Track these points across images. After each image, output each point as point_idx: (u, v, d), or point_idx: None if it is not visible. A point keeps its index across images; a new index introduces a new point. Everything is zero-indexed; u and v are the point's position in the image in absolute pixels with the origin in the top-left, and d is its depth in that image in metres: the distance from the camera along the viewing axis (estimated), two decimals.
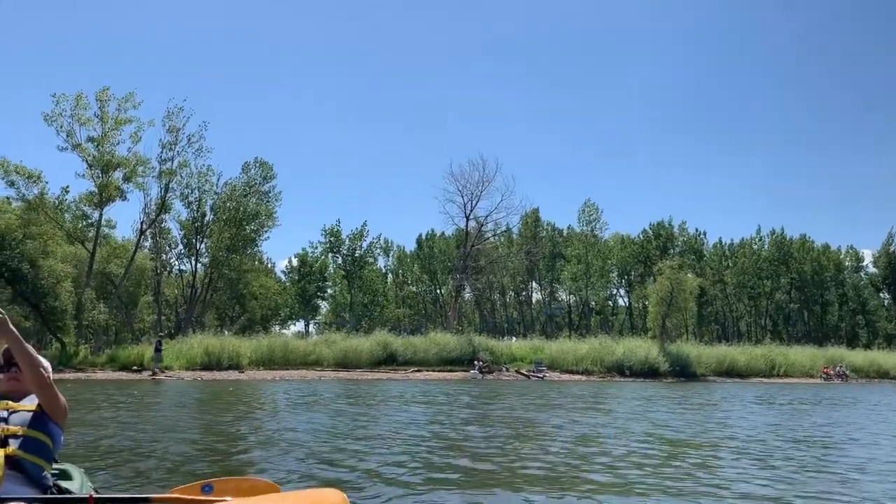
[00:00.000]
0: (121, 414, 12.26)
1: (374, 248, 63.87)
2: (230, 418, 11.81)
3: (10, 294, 33.76)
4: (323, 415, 12.53)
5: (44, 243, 34.56)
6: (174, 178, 41.85)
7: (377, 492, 5.36)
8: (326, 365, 32.83)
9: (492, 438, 9.04)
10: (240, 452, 7.68)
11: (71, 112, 36.45)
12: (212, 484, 3.46)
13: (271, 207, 47.71)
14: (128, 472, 6.11)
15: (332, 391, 20.32)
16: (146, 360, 30.52)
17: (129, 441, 8.38)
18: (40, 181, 36.29)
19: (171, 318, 53.20)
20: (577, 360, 35.30)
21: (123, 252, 45.33)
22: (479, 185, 47.99)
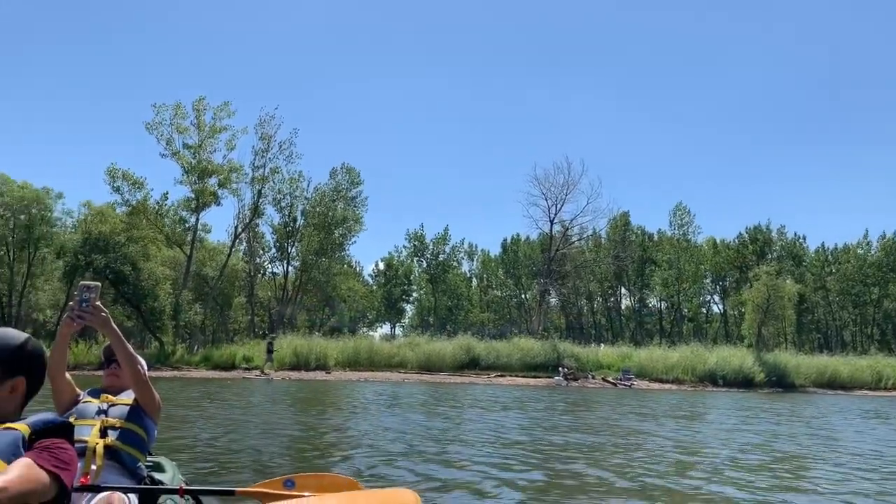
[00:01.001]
0: (212, 411, 12.78)
1: (457, 252, 64.24)
2: (316, 417, 12.11)
3: (113, 295, 35.93)
4: (408, 416, 12.65)
5: (145, 247, 36.60)
6: (266, 183, 43.47)
7: (457, 496, 5.33)
8: (410, 367, 33.19)
9: (581, 447, 8.82)
10: (324, 449, 7.86)
11: (170, 121, 38.47)
12: (294, 479, 3.55)
13: (358, 212, 48.81)
14: (216, 466, 6.36)
15: (416, 393, 20.51)
16: (238, 359, 31.76)
17: (219, 436, 8.71)
18: (143, 187, 38.44)
19: (265, 320, 55.10)
20: (667, 369, 34.29)
21: (218, 255, 47.36)
22: (563, 188, 47.48)
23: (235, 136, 40.03)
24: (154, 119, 38.32)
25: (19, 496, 1.83)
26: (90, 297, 2.90)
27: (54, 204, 42.63)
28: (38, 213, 41.50)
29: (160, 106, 38.47)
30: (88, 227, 36.85)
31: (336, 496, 2.37)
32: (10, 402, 2.11)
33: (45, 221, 41.94)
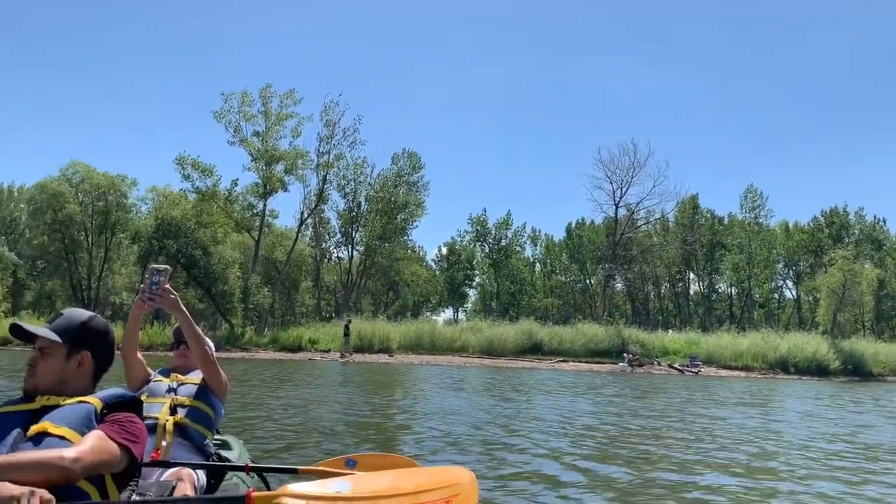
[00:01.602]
0: (279, 391, 13.12)
1: (520, 236, 63.83)
2: (380, 398, 12.29)
3: (185, 278, 37.27)
4: (471, 399, 12.72)
5: (215, 231, 37.77)
6: (331, 169, 44.14)
7: (518, 478, 5.31)
8: (472, 351, 33.31)
9: (652, 431, 8.63)
10: (387, 430, 7.97)
11: (238, 109, 39.43)
12: (355, 459, 3.63)
13: (420, 197, 49.09)
14: (281, 444, 6.52)
15: (479, 377, 20.57)
16: (304, 341, 32.53)
17: (284, 416, 8.93)
18: (213, 174, 39.60)
19: (331, 303, 56.18)
20: (735, 356, 33.33)
21: (286, 240, 48.46)
22: (629, 171, 46.59)
23: (301, 123, 40.79)
24: (222, 107, 39.39)
25: (92, 466, 1.91)
26: (160, 279, 3.00)
27: (129, 191, 44.40)
28: (115, 199, 43.30)
29: (228, 94, 39.50)
30: (160, 213, 38.29)
31: (392, 473, 2.41)
32: (79, 376, 2.20)
33: (120, 207, 43.73)
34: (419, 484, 2.23)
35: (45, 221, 42.96)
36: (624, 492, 5.03)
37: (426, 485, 2.24)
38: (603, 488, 5.06)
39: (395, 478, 2.28)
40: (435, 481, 2.28)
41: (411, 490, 2.16)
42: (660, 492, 5.14)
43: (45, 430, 1.96)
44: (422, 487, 2.21)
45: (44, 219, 42.89)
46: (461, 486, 2.30)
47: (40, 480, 1.78)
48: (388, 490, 2.13)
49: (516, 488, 4.88)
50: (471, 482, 2.38)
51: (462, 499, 2.26)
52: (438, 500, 2.17)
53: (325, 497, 2.04)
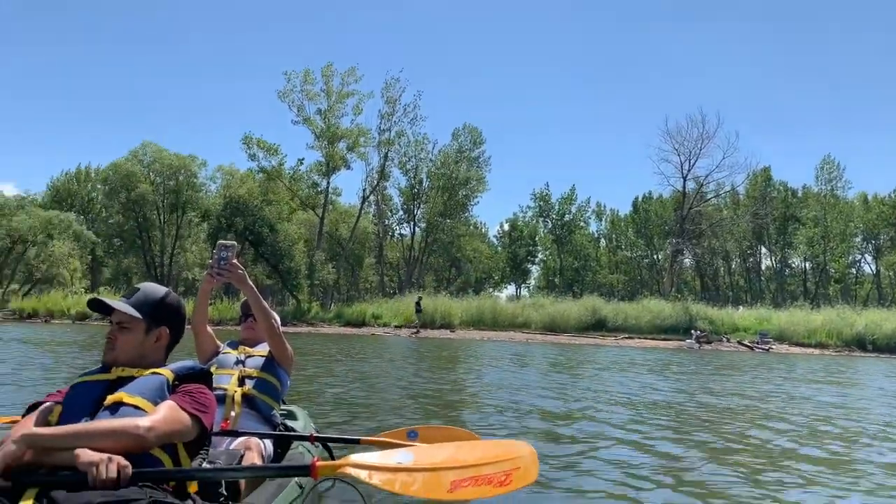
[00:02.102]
0: (343, 365, 13.38)
1: (584, 211, 62.91)
2: (442, 372, 12.39)
3: (253, 255, 38.33)
4: (534, 374, 12.70)
5: (280, 209, 38.64)
6: (392, 147, 44.40)
7: (579, 453, 5.27)
8: (534, 328, 33.19)
9: (724, 409, 8.33)
10: (450, 404, 8.03)
11: (300, 88, 39.97)
12: (416, 430, 3.70)
13: (481, 173, 48.91)
14: (345, 415, 6.64)
15: (541, 352, 20.51)
16: (368, 317, 33.09)
17: (349, 389, 9.09)
18: (278, 153, 40.38)
19: (394, 279, 56.85)
20: (809, 333, 32.16)
21: (349, 217, 49.17)
22: (697, 142, 45.24)
23: (362, 100, 41.11)
24: (285, 87, 40.01)
25: (165, 435, 1.99)
26: (227, 255, 3.08)
27: (199, 170, 45.74)
28: (185, 179, 44.72)
29: (290, 73, 40.08)
30: (229, 192, 39.37)
31: (452, 445, 2.43)
32: (156, 350, 2.29)
33: (191, 187, 45.14)
34: (479, 457, 2.24)
35: (120, 201, 44.77)
36: (697, 472, 4.79)
37: (486, 458, 2.24)
38: (671, 468, 4.87)
39: (456, 450, 2.29)
40: (495, 454, 2.28)
41: (471, 462, 2.17)
42: (734, 472, 4.85)
43: (121, 400, 2.05)
44: (482, 460, 2.21)
45: (118, 198, 44.69)
46: (521, 460, 2.29)
47: (117, 448, 1.86)
48: (448, 462, 2.15)
49: (578, 464, 4.81)
50: (531, 456, 2.37)
51: (522, 472, 2.25)
52: (498, 472, 2.17)
53: (387, 467, 2.07)
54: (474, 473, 2.12)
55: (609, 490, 4.10)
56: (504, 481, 2.18)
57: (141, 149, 44.11)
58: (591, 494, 3.99)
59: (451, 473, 2.09)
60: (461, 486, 2.08)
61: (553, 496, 3.90)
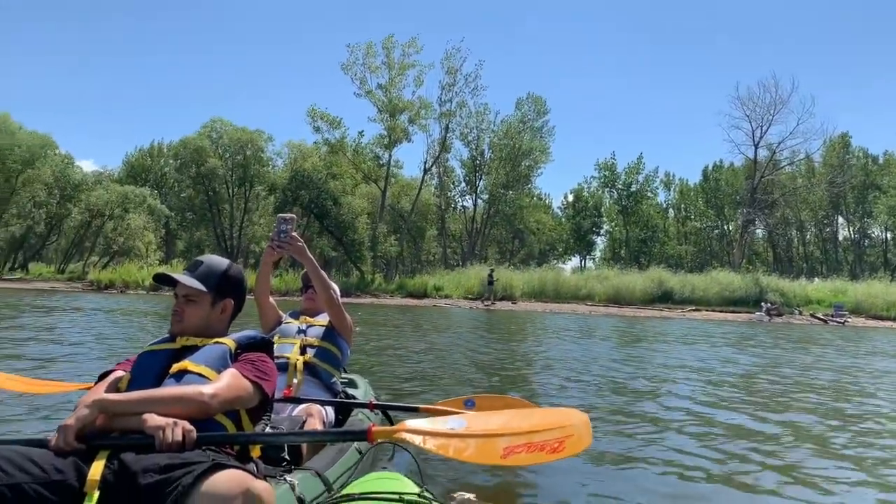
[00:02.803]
0: (404, 335, 13.54)
1: (651, 181, 61.32)
2: (502, 343, 12.42)
3: (318, 228, 39.05)
4: (596, 346, 12.57)
5: (344, 183, 39.17)
6: (453, 118, 44.23)
7: (637, 426, 5.13)
8: (597, 300, 32.84)
9: (802, 385, 7.93)
10: (508, 374, 8.05)
11: (362, 60, 40.13)
12: (474, 399, 3.73)
13: (545, 143, 48.24)
14: (405, 385, 6.72)
15: (605, 325, 20.30)
16: (429, 288, 33.40)
17: (408, 358, 9.19)
18: (341, 126, 40.80)
19: (457, 251, 57.02)
20: (888, 305, 30.69)
21: (411, 190, 49.43)
22: (770, 108, 43.43)
23: (423, 71, 41.02)
24: (348, 60, 40.24)
25: (227, 402, 2.06)
26: (287, 228, 3.15)
27: (265, 145, 46.68)
28: (252, 153, 45.74)
29: (353, 46, 40.26)
30: (294, 166, 40.11)
31: (506, 412, 2.45)
32: (220, 321, 2.36)
33: (258, 161, 46.16)
34: (533, 424, 2.25)
35: (190, 175, 46.18)
36: (765, 454, 4.39)
37: (539, 425, 2.25)
38: (737, 448, 4.49)
39: (509, 417, 2.31)
40: (548, 422, 2.29)
41: (524, 429, 2.18)
42: (821, 452, 4.48)
43: (186, 368, 2.13)
44: (535, 427, 2.22)
45: (188, 173, 46.09)
46: (575, 428, 2.29)
47: (182, 413, 1.94)
48: (500, 429, 2.17)
49: (637, 436, 4.71)
50: (584, 424, 2.37)
51: (575, 440, 2.25)
52: (551, 440, 2.18)
53: (440, 433, 2.11)
54: (527, 440, 2.14)
55: (667, 460, 4.02)
56: (557, 448, 2.19)
57: (211, 124, 45.31)
58: (646, 465, 3.93)
59: (504, 440, 2.12)
60: (514, 451, 2.10)
61: (606, 464, 3.87)
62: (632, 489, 3.39)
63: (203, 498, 1.63)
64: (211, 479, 1.67)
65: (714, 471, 3.86)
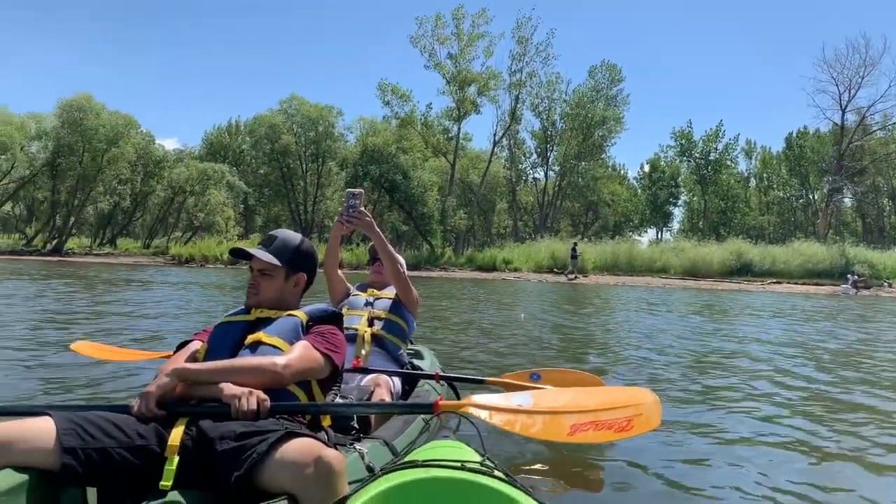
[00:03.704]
0: (471, 307, 13.57)
1: (731, 149, 58.94)
2: (572, 317, 12.29)
3: (388, 202, 39.43)
4: (669, 320, 12.25)
5: (414, 157, 39.35)
6: (523, 88, 43.64)
7: (708, 406, 4.90)
8: (673, 273, 32.08)
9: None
10: (576, 348, 7.96)
11: (432, 32, 39.96)
12: (540, 373, 3.72)
13: (619, 112, 47.09)
14: (470, 357, 6.74)
15: (679, 298, 19.82)
16: (499, 262, 33.34)
17: (475, 331, 9.23)
18: (410, 100, 40.87)
19: (529, 224, 56.60)
20: None
21: (480, 163, 49.21)
22: (859, 70, 41.09)
23: (493, 42, 40.56)
24: (417, 32, 40.16)
25: (299, 373, 2.13)
26: (355, 202, 3.20)
27: (336, 121, 47.30)
28: (324, 129, 46.43)
29: (422, 18, 40.14)
30: (365, 140, 40.52)
31: (573, 389, 2.43)
32: (293, 294, 2.43)
33: (329, 136, 46.84)
34: (601, 402, 2.23)
35: (265, 151, 47.30)
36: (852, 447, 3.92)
37: (608, 403, 2.23)
38: (815, 439, 4.04)
39: (576, 394, 2.30)
40: (616, 400, 2.26)
41: (591, 407, 2.17)
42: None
43: (260, 339, 2.21)
44: (603, 405, 2.20)
45: (263, 149, 47.23)
46: (643, 407, 2.26)
47: (256, 383, 2.02)
48: (567, 406, 2.16)
49: (706, 418, 4.48)
50: (654, 403, 2.33)
51: (644, 419, 2.22)
52: (619, 419, 2.16)
53: (507, 409, 2.12)
54: (594, 418, 2.13)
55: (742, 441, 3.88)
56: (625, 427, 2.17)
57: (287, 101, 46.24)
58: (718, 446, 3.77)
59: (571, 417, 2.11)
60: (581, 429, 2.09)
61: (675, 444, 3.75)
62: (702, 476, 3.23)
63: (276, 465, 1.70)
64: (284, 447, 1.73)
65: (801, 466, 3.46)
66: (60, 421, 1.76)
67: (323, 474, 1.66)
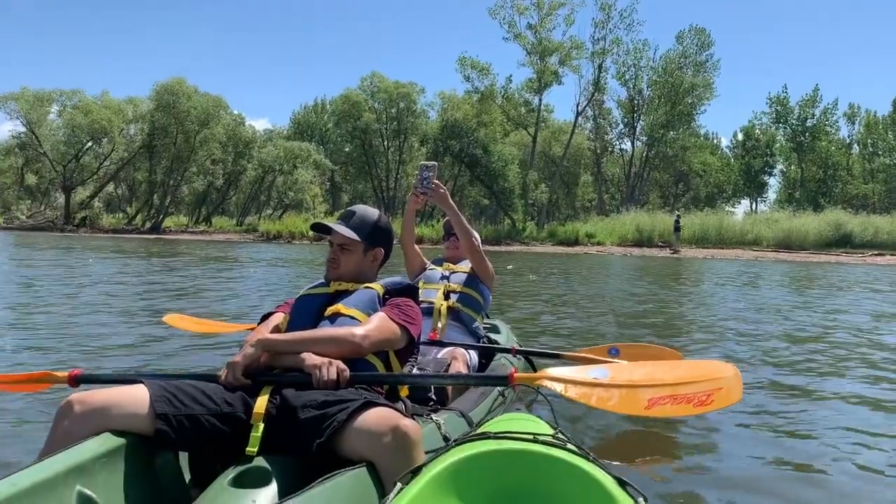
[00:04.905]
0: (552, 282, 13.48)
1: (830, 114, 55.54)
2: (655, 292, 11.99)
3: (469, 177, 39.39)
4: (761, 295, 11.74)
5: (494, 131, 39.09)
6: (607, 56, 42.48)
7: (792, 388, 4.58)
8: (766, 245, 30.81)
9: None
10: (658, 324, 7.75)
11: (511, 3, 39.34)
12: (618, 348, 3.67)
13: (709, 78, 45.25)
14: (547, 331, 6.72)
15: (772, 272, 19.02)
16: (581, 235, 32.89)
17: (554, 305, 9.18)
18: (490, 73, 40.50)
19: (616, 196, 55.38)
20: None
21: (563, 135, 48.38)
22: None
23: (574, 10, 39.59)
24: (496, 3, 39.64)
25: (377, 343, 2.19)
26: (429, 175, 3.22)
27: (417, 97, 47.46)
28: (406, 105, 46.70)
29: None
30: (445, 116, 40.53)
31: (651, 363, 2.38)
32: (371, 268, 2.49)
33: (410, 113, 47.09)
34: (679, 376, 2.18)
35: (347, 129, 48.12)
36: None
37: (687, 377, 2.18)
38: None
39: (654, 368, 2.25)
40: (696, 374, 2.21)
41: (669, 381, 2.13)
42: None
43: (339, 311, 2.27)
44: (682, 379, 2.15)
45: (346, 127, 48.05)
46: (724, 381, 2.20)
47: (336, 353, 2.08)
48: (644, 380, 2.12)
49: (791, 396, 4.28)
50: (734, 377, 2.26)
51: (724, 393, 2.16)
52: (698, 393, 2.11)
53: (582, 382, 2.10)
54: (672, 392, 2.09)
55: (830, 422, 3.70)
56: (705, 401, 2.12)
57: (369, 78, 46.76)
58: (804, 426, 3.62)
59: (648, 391, 2.07)
60: (659, 403, 2.05)
61: (755, 423, 3.61)
62: (784, 456, 3.10)
63: (356, 432, 1.76)
64: (363, 416, 1.78)
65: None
66: (153, 389, 1.86)
67: (400, 442, 1.70)
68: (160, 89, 41.67)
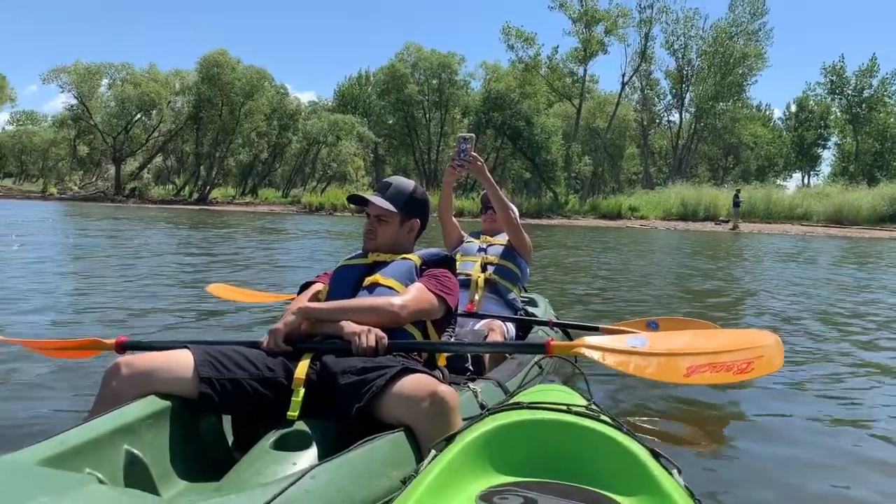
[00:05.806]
0: (592, 256, 13.35)
1: (888, 84, 53.27)
2: (697, 266, 11.79)
3: (511, 149, 39.02)
4: (808, 271, 11.48)
5: (538, 102, 38.57)
6: (655, 25, 41.45)
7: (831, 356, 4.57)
8: (816, 220, 29.98)
9: None
10: (699, 297, 7.67)
11: None
12: (657, 322, 3.64)
13: (761, 48, 43.81)
14: (586, 304, 6.69)
15: (821, 248, 18.53)
16: (624, 209, 32.43)
17: (594, 279, 9.10)
18: (534, 43, 39.91)
19: (663, 170, 54.31)
20: None
21: (608, 106, 47.48)
22: None
23: None
24: None
25: (415, 313, 2.23)
26: (467, 147, 3.22)
27: (459, 68, 47.09)
28: (447, 76, 46.39)
29: None
30: (488, 87, 40.13)
31: (690, 332, 2.36)
32: (408, 239, 2.52)
33: (451, 84, 46.78)
34: (719, 344, 2.16)
35: (390, 101, 48.06)
36: None
37: (726, 345, 2.15)
38: None
39: (693, 337, 2.23)
40: (735, 342, 2.19)
41: (709, 350, 2.10)
42: None
43: (377, 281, 2.31)
44: (722, 348, 2.13)
45: (388, 99, 47.99)
46: (765, 349, 2.17)
47: (375, 322, 2.13)
48: (684, 348, 2.10)
49: (833, 368, 4.20)
50: (776, 345, 2.24)
51: (765, 361, 2.14)
52: (739, 360, 2.08)
53: (620, 350, 2.08)
54: (712, 360, 2.06)
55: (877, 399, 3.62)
56: (745, 369, 2.10)
57: (405, 50, 46.49)
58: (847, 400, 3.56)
59: (687, 359, 2.05)
60: (698, 370, 2.03)
61: (795, 395, 3.57)
62: (825, 432, 3.04)
63: (394, 398, 1.80)
64: (401, 382, 1.82)
65: None
66: (198, 353, 1.92)
67: (437, 408, 1.74)
68: (204, 61, 42.23)
